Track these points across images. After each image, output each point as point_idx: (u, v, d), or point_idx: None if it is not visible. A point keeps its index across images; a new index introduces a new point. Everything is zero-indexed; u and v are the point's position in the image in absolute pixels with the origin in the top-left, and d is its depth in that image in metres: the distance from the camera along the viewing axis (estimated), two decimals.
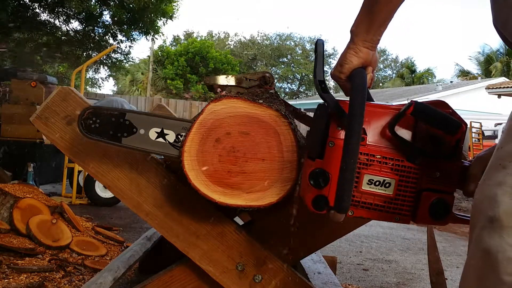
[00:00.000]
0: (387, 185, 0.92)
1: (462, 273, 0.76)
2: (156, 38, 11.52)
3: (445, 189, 0.94)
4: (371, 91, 1.05)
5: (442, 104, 0.97)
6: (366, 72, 0.98)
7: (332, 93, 0.98)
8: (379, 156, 0.92)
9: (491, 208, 0.69)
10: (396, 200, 0.93)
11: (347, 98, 0.92)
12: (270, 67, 32.24)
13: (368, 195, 0.92)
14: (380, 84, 35.55)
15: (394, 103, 1.01)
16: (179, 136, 1.07)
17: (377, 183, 0.91)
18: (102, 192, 5.06)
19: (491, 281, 0.68)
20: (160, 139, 1.07)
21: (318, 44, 1.04)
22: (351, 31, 0.99)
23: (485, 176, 0.74)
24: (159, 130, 1.07)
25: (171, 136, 1.07)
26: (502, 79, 20.56)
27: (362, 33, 0.96)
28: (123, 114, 1.08)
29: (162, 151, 1.08)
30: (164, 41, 24.98)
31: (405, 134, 0.93)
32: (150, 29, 10.24)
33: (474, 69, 29.35)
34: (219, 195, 1.06)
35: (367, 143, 0.92)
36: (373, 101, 1.05)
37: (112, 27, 10.23)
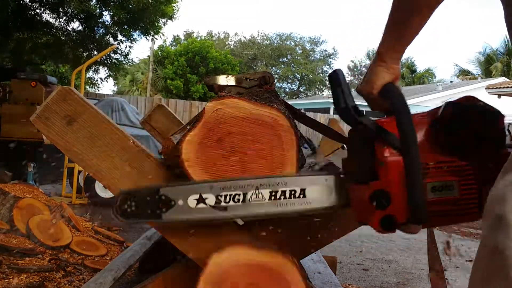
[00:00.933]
0: (450, 187, 0.92)
1: (471, 270, 0.76)
2: (156, 38, 11.53)
3: None
4: None
5: (473, 99, 0.98)
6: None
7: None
8: (433, 163, 0.92)
9: (499, 207, 0.71)
10: (462, 200, 0.93)
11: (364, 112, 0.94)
12: (270, 67, 32.25)
13: (435, 203, 0.93)
14: None
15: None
16: (219, 197, 1.03)
17: (440, 188, 0.92)
18: (102, 192, 5.06)
19: (498, 279, 0.69)
20: (201, 205, 1.04)
21: (339, 73, 1.02)
22: (379, 53, 1.02)
23: (498, 178, 0.76)
24: (197, 196, 1.04)
25: (211, 200, 1.03)
26: (502, 79, 20.57)
27: (391, 53, 1.00)
28: (157, 190, 1.04)
29: (206, 216, 1.04)
30: (164, 41, 24.99)
31: (449, 134, 0.94)
32: (151, 29, 10.24)
33: (474, 70, 29.36)
34: None
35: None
36: None
37: (112, 27, 10.22)
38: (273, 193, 1.04)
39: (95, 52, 10.25)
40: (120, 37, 10.51)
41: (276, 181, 1.04)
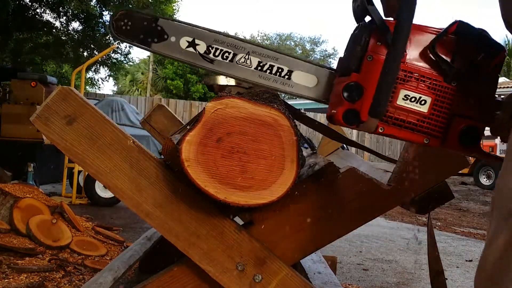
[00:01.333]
0: (423, 102, 0.93)
1: (480, 258, 0.76)
2: None
3: (477, 117, 0.95)
4: None
5: (485, 32, 0.97)
6: None
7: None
8: (417, 74, 0.93)
9: (511, 201, 0.71)
10: (429, 119, 0.94)
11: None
12: None
13: (402, 111, 0.93)
14: None
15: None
16: (210, 48, 1.05)
17: (412, 99, 0.92)
18: (102, 192, 5.06)
19: (505, 273, 0.69)
20: (191, 49, 1.05)
21: None
22: None
23: (505, 164, 0.75)
24: (190, 39, 1.05)
25: (201, 47, 1.05)
26: (502, 79, 20.56)
27: None
28: (156, 19, 1.06)
29: (191, 61, 1.06)
30: None
31: (444, 54, 0.93)
32: None
33: None
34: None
35: (406, 60, 0.93)
36: None
37: None
38: (261, 64, 1.05)
39: (96, 52, 10.26)
40: None
41: (268, 53, 1.06)
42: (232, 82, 1.45)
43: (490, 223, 0.76)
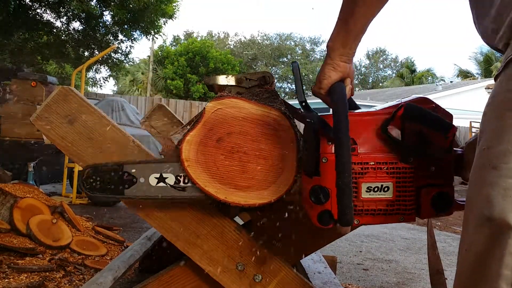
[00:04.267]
0: (386, 189, 0.94)
1: (456, 271, 0.77)
2: (157, 38, 11.53)
3: (443, 182, 0.96)
4: (371, 90, 1.06)
5: (424, 101, 0.99)
6: (345, 84, 1.01)
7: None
8: (373, 163, 0.94)
9: (486, 208, 0.71)
10: (397, 201, 0.95)
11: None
12: (270, 67, 32.23)
13: (369, 202, 0.94)
14: (380, 84, 35.53)
15: (386, 105, 1.03)
16: (179, 177, 1.07)
17: (375, 189, 0.94)
18: None
19: (482, 279, 0.70)
20: (161, 184, 1.08)
21: (294, 68, 1.07)
22: (328, 46, 1.02)
23: (476, 175, 0.75)
24: (158, 175, 1.08)
25: (170, 179, 1.08)
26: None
27: (338, 47, 1.00)
28: (121, 167, 1.09)
29: (164, 195, 1.08)
30: (164, 41, 25.03)
31: (396, 135, 0.95)
32: (151, 28, 10.25)
33: (474, 69, 29.34)
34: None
35: (359, 152, 0.94)
36: (359, 108, 1.07)
37: (113, 27, 10.22)
38: None
39: (96, 52, 10.26)
40: (120, 36, 10.52)
41: None
42: (232, 82, 1.45)
43: (464, 230, 0.76)
